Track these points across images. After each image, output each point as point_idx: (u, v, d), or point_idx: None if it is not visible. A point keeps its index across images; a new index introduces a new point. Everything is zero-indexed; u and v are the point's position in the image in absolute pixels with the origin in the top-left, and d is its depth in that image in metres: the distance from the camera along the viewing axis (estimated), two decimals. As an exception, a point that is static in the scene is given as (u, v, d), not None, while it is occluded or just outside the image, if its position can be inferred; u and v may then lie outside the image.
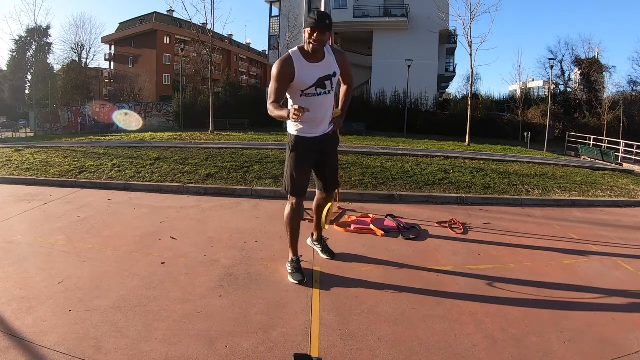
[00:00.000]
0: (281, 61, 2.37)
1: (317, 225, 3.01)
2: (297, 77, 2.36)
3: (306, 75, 2.38)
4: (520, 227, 4.12)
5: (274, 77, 2.37)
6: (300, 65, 2.37)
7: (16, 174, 6.07)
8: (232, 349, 1.88)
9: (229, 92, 24.39)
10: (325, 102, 2.49)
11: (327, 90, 2.46)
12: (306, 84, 2.39)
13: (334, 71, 2.46)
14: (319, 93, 2.43)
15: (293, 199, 2.63)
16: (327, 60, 2.44)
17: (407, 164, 7.05)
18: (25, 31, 29.46)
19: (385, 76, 24.04)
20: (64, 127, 25.11)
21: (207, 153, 7.37)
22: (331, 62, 2.46)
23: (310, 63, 2.38)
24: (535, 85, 34.83)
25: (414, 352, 1.91)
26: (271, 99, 2.36)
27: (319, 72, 2.41)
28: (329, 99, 2.52)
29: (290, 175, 2.59)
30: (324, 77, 2.42)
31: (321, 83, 2.42)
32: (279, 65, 2.36)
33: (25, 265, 2.77)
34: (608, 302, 2.52)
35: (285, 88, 2.40)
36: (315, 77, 2.40)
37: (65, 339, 1.90)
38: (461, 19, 14.57)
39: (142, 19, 39.51)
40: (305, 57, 2.38)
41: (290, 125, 2.56)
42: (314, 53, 2.35)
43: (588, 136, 17.40)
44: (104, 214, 4.15)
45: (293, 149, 2.57)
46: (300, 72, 2.36)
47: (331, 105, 2.57)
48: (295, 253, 2.71)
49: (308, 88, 2.40)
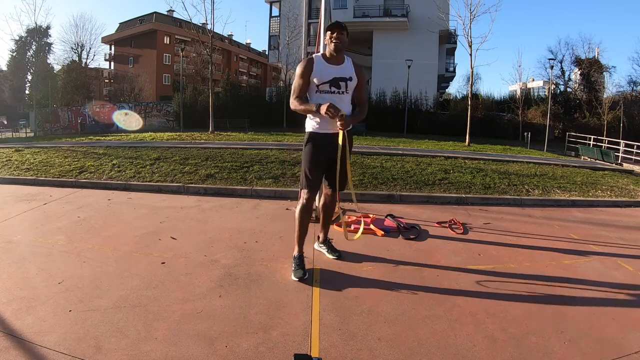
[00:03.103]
0: (304, 60, 2.68)
1: (323, 226, 3.09)
2: (315, 72, 2.61)
3: (323, 71, 2.61)
4: (520, 227, 4.12)
5: (298, 74, 2.63)
6: (320, 64, 2.63)
7: (16, 174, 6.08)
8: (232, 349, 1.88)
9: (229, 92, 24.34)
10: (338, 102, 2.60)
11: (341, 90, 2.63)
12: (321, 80, 2.60)
13: (350, 76, 2.65)
14: (332, 91, 2.62)
15: (305, 194, 2.72)
16: (345, 65, 2.67)
17: (407, 164, 7.06)
18: (25, 31, 29.63)
19: (385, 76, 24.04)
20: (64, 127, 25.13)
21: (207, 153, 7.38)
22: (349, 68, 2.67)
23: (329, 64, 2.63)
24: (535, 85, 34.80)
25: (414, 352, 1.91)
26: (295, 94, 2.64)
27: (336, 72, 2.62)
28: (344, 99, 2.66)
29: (303, 169, 2.74)
30: (339, 78, 2.62)
31: (336, 82, 2.61)
32: (302, 63, 2.66)
33: (25, 265, 2.77)
34: (608, 302, 2.52)
35: (306, 83, 2.63)
36: (331, 75, 2.61)
37: (65, 339, 1.90)
38: (461, 19, 14.63)
39: (142, 19, 39.54)
40: (326, 60, 2.65)
41: (307, 122, 2.73)
42: (335, 53, 2.60)
43: (588, 136, 17.39)
44: (104, 214, 4.15)
45: (307, 144, 2.73)
46: (318, 69, 2.61)
47: (346, 108, 2.65)
48: (300, 249, 2.78)
49: (323, 84, 2.60)
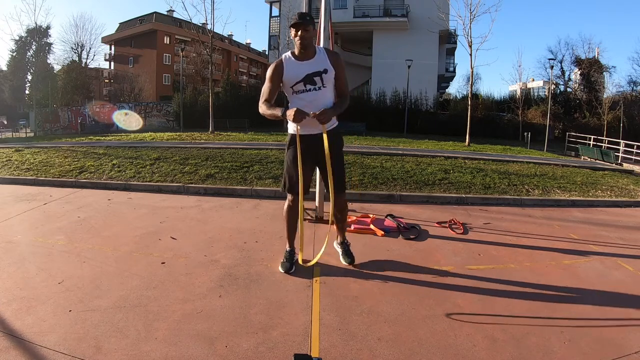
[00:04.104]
0: (274, 62, 2.57)
1: (338, 228, 2.96)
2: (285, 73, 2.50)
3: (293, 71, 2.50)
4: (520, 227, 4.12)
5: (267, 78, 2.55)
6: (289, 63, 2.52)
7: (16, 174, 6.07)
8: (232, 349, 1.88)
9: (229, 92, 24.35)
10: (317, 98, 2.49)
11: (317, 86, 2.50)
12: (293, 80, 2.50)
13: (325, 68, 2.50)
14: (308, 89, 2.50)
15: (289, 196, 2.72)
16: (317, 58, 2.52)
17: (407, 164, 7.06)
18: (25, 31, 29.61)
19: (385, 76, 24.04)
20: (64, 127, 25.13)
21: (207, 153, 7.38)
22: (322, 60, 2.52)
23: (299, 61, 2.51)
24: (535, 85, 34.79)
25: (414, 352, 1.91)
26: (262, 97, 2.53)
27: (307, 68, 2.49)
28: (322, 95, 2.51)
29: (284, 172, 2.72)
30: (312, 74, 2.49)
31: (309, 79, 2.49)
32: (271, 66, 2.56)
33: (25, 265, 2.77)
34: (608, 302, 2.51)
35: (275, 87, 2.55)
36: (302, 73, 2.49)
37: (65, 339, 1.90)
38: (461, 19, 14.64)
39: (142, 19, 39.51)
40: (295, 57, 2.53)
41: (289, 124, 2.61)
42: (303, 50, 2.47)
43: (588, 136, 17.38)
44: (104, 214, 4.15)
45: (288, 147, 2.67)
46: (288, 69, 2.51)
47: (326, 104, 2.51)
48: (290, 245, 2.81)
49: (296, 84, 2.50)
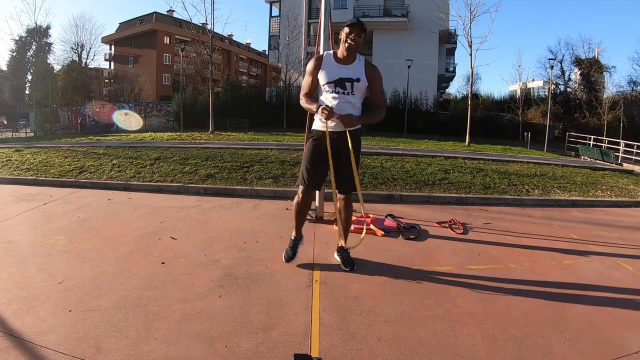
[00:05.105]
0: (314, 57, 2.68)
1: (340, 232, 2.71)
2: (322, 70, 2.57)
3: (329, 70, 2.56)
4: (520, 227, 4.12)
5: (307, 71, 2.64)
6: (328, 62, 2.59)
7: (16, 174, 6.07)
8: (232, 349, 1.88)
9: (229, 92, 24.31)
10: (342, 102, 2.52)
11: (346, 91, 2.54)
12: (325, 79, 2.55)
13: (358, 77, 2.55)
14: (337, 92, 2.54)
15: (301, 190, 2.72)
16: (355, 66, 2.57)
17: (407, 164, 7.06)
18: (25, 31, 29.55)
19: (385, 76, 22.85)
20: (64, 127, 25.10)
21: (207, 153, 7.38)
22: (358, 69, 2.57)
23: (338, 63, 2.57)
24: (535, 85, 34.79)
25: (414, 352, 1.91)
26: (303, 91, 2.65)
27: (343, 72, 2.54)
28: (348, 100, 2.54)
29: (302, 165, 2.73)
30: (345, 79, 2.53)
31: (341, 83, 2.53)
32: (311, 60, 2.65)
33: (25, 265, 2.77)
34: (608, 302, 2.52)
35: (315, 81, 2.61)
36: (336, 75, 2.54)
37: (65, 339, 1.90)
38: (461, 19, 14.64)
39: (142, 19, 39.52)
40: (335, 59, 2.59)
41: (315, 119, 2.69)
42: (347, 53, 2.51)
43: (588, 136, 17.36)
44: (104, 214, 4.15)
45: (309, 140, 2.72)
46: (325, 67, 2.57)
47: (352, 109, 2.53)
48: (298, 233, 2.82)
49: (327, 83, 2.55)
